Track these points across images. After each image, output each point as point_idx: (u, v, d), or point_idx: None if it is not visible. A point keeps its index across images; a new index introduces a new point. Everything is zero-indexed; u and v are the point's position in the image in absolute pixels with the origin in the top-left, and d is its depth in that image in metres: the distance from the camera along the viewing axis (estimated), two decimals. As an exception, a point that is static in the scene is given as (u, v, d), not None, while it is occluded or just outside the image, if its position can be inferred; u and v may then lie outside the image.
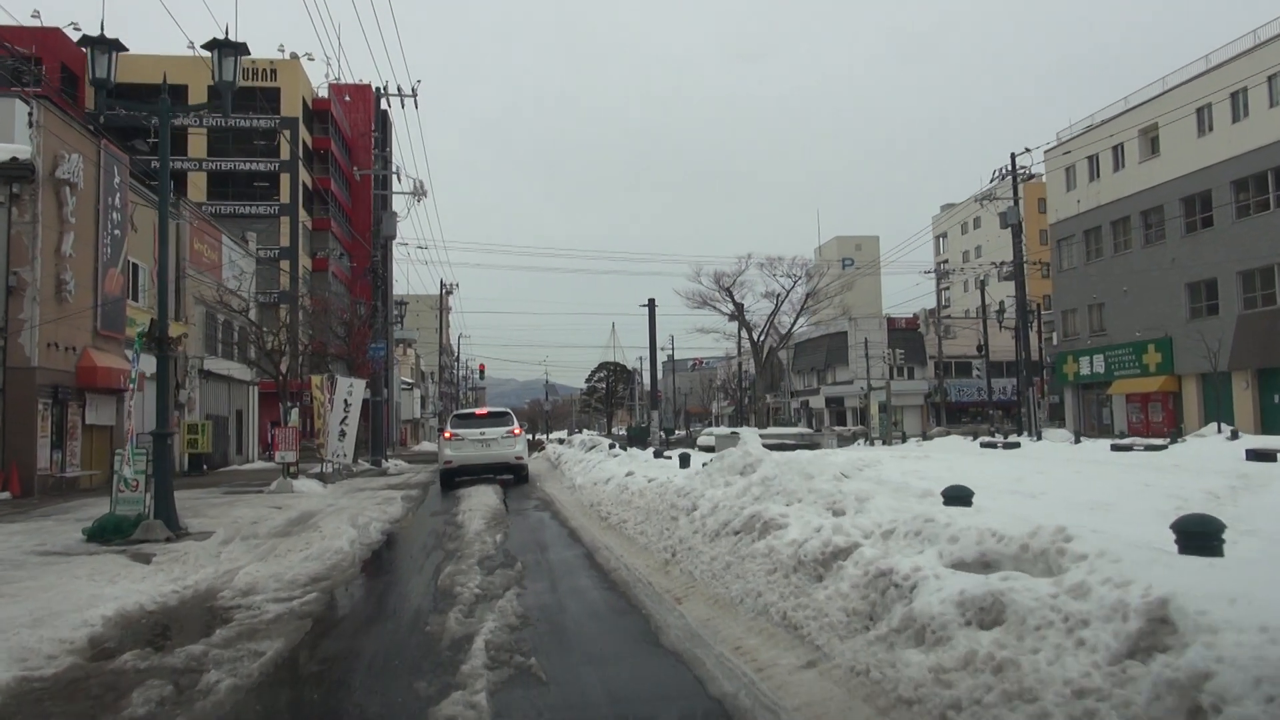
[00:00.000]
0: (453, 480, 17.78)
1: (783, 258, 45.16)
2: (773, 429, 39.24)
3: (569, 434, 53.98)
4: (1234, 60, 30.51)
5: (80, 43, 10.68)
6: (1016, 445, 25.17)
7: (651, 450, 21.47)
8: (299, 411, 21.25)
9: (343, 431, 21.43)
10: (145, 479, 10.43)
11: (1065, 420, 40.05)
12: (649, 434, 39.10)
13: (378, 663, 5.03)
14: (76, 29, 35.81)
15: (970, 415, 56.63)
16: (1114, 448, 21.62)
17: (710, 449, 26.88)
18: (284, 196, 45.81)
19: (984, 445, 26.65)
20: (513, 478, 18.63)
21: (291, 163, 45.65)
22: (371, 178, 35.29)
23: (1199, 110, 31.86)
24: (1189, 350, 31.18)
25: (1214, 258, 31.15)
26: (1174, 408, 33.60)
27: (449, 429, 18.52)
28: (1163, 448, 20.41)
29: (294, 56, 47.83)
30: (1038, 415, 35.73)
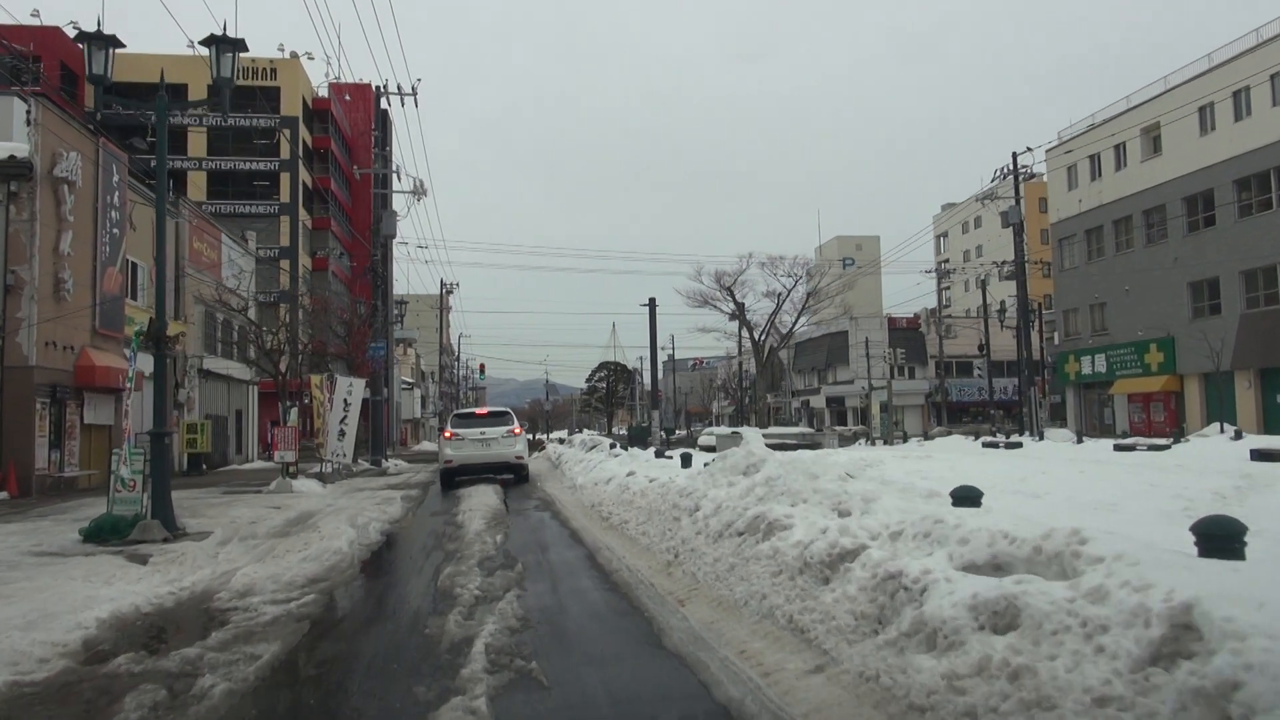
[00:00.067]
0: (453, 480, 17.73)
1: (784, 257, 45.06)
2: (774, 429, 39.13)
3: (569, 434, 53.89)
4: (1236, 59, 30.42)
5: (77, 39, 10.60)
6: (1019, 445, 25.07)
7: (653, 450, 21.37)
8: (298, 411, 21.14)
9: (342, 431, 21.33)
10: (143, 479, 10.35)
11: (1067, 420, 39.95)
12: (650, 434, 39.01)
13: (376, 666, 4.94)
14: (76, 28, 35.70)
15: (971, 415, 56.54)
16: (1117, 448, 21.54)
17: (711, 449, 26.79)
18: (284, 196, 45.77)
19: (986, 445, 26.56)
20: (513, 477, 18.57)
21: (291, 162, 45.59)
22: (371, 177, 35.19)
23: (1201, 109, 31.77)
24: (1191, 350, 31.10)
25: (1216, 257, 31.06)
26: (1176, 407, 33.51)
27: (449, 428, 18.46)
28: (1166, 448, 20.31)
29: (294, 56, 47.82)
30: (1039, 415, 35.64)
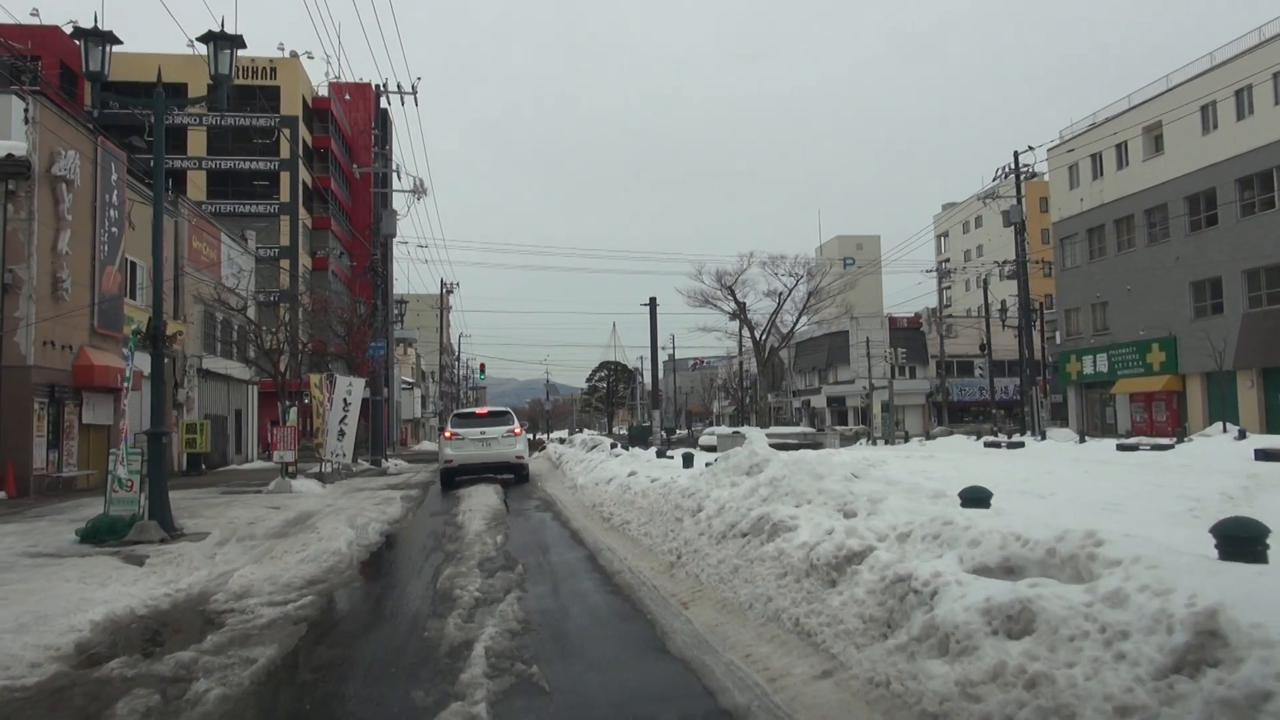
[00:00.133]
0: (453, 480, 17.65)
1: (785, 256, 44.91)
2: (775, 428, 39.01)
3: (570, 434, 53.80)
4: (1239, 57, 30.32)
5: (74, 35, 10.51)
6: (1021, 445, 24.97)
7: (654, 450, 21.27)
8: (298, 411, 21.04)
9: (342, 431, 21.23)
10: (140, 479, 10.25)
11: (1068, 420, 39.84)
12: (650, 433, 38.91)
13: (374, 670, 4.85)
14: (76, 27, 35.62)
15: (972, 415, 56.42)
16: (1119, 447, 21.44)
17: (712, 448, 26.70)
18: (284, 195, 45.68)
19: (988, 445, 26.45)
20: (513, 477, 18.49)
21: (291, 161, 45.50)
22: (371, 176, 35.09)
23: (1203, 108, 31.66)
24: (1193, 349, 31.00)
25: (1218, 256, 30.95)
26: (1178, 407, 33.40)
27: (449, 428, 18.38)
28: (1169, 447, 20.22)
29: (294, 55, 47.74)
30: (1041, 415, 35.54)
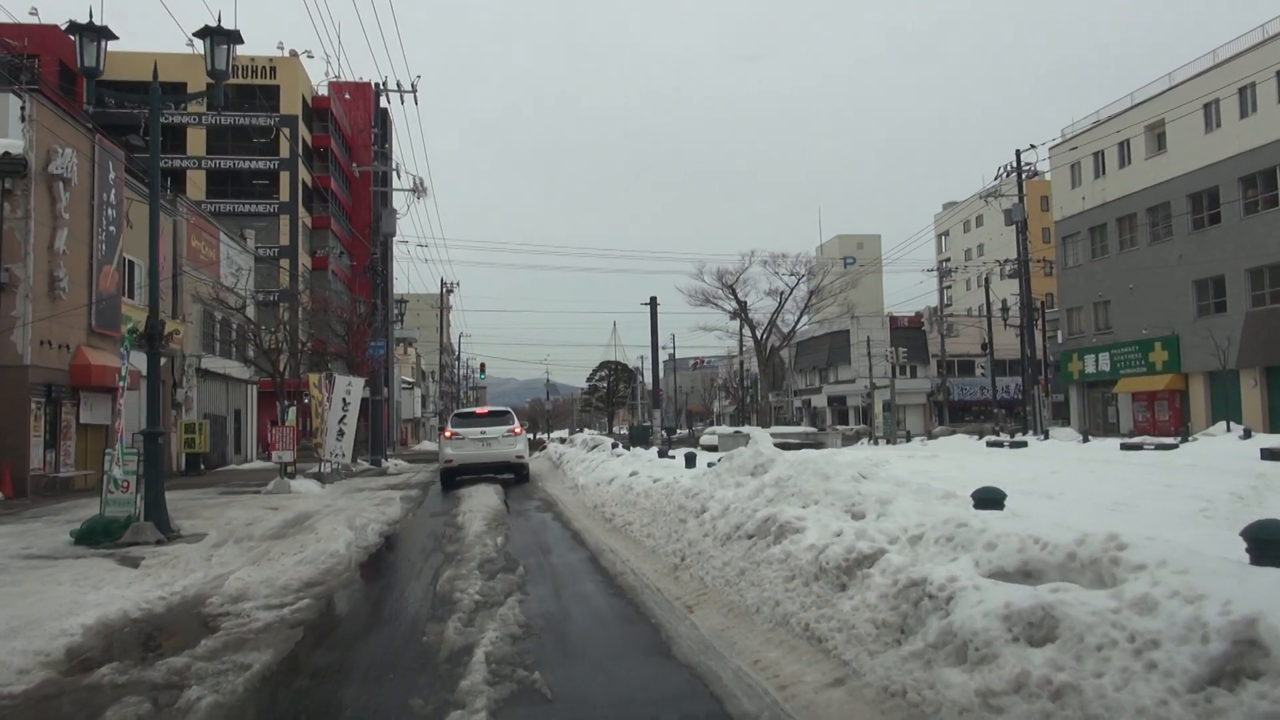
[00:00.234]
0: (453, 480, 17.54)
1: (786, 255, 44.77)
2: (777, 428, 38.90)
3: (570, 433, 53.69)
4: (1242, 55, 30.18)
5: (69, 30, 10.36)
6: (1024, 444, 24.87)
7: (655, 449, 21.16)
8: (297, 410, 20.93)
9: (341, 431, 21.11)
10: (136, 480, 10.12)
11: (1070, 419, 39.71)
12: (651, 433, 38.79)
13: (371, 677, 4.72)
14: (71, 22, 35.48)
15: (973, 414, 56.27)
16: (1124, 447, 21.33)
17: (713, 448, 26.61)
18: (284, 194, 45.54)
19: (990, 444, 26.35)
20: (514, 477, 18.38)
21: (291, 161, 45.35)
22: (371, 175, 34.93)
23: (1206, 106, 31.51)
24: (1196, 348, 30.86)
25: (1221, 255, 30.81)
26: (1181, 406, 33.26)
27: (450, 428, 18.27)
28: (1174, 447, 20.10)
29: (293, 54, 47.58)
30: (1043, 414, 35.41)
